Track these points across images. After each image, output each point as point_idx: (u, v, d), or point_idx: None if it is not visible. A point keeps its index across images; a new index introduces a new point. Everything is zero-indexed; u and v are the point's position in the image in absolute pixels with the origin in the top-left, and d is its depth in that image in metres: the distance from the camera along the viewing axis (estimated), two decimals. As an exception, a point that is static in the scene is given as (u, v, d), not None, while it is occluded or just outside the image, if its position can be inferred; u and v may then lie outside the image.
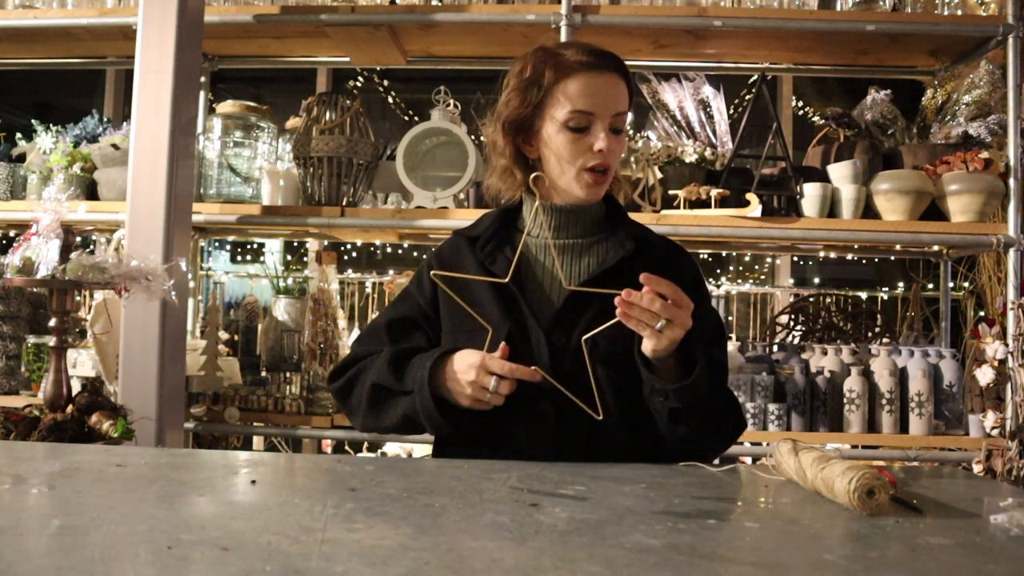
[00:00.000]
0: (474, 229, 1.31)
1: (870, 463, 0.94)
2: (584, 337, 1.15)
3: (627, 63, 1.27)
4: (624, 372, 1.19)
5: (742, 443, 2.37)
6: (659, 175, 2.43)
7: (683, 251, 1.33)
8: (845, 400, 2.37)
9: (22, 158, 2.73)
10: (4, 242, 3.26)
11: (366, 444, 3.15)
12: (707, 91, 2.59)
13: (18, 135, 2.81)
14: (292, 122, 2.78)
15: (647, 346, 1.11)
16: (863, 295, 3.23)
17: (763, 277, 5.46)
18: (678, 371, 1.14)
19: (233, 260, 6.16)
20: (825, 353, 2.51)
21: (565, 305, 1.21)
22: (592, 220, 1.29)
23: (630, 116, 1.32)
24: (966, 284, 3.05)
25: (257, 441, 3.27)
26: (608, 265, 1.23)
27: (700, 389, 1.12)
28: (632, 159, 2.44)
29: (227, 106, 2.61)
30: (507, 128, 1.25)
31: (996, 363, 2.34)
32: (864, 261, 5.31)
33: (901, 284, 3.90)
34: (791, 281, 4.18)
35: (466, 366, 1.13)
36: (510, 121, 1.25)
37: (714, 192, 2.35)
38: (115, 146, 2.51)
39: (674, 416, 1.14)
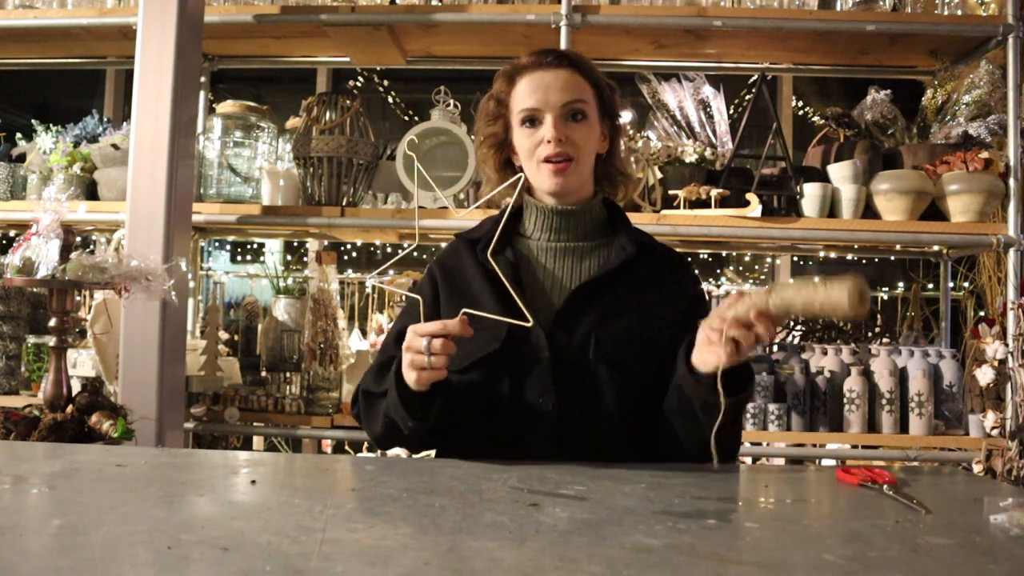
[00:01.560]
0: (475, 232, 1.32)
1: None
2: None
3: (627, 63, 1.29)
4: (628, 373, 1.20)
5: (743, 443, 2.36)
6: (659, 175, 2.43)
7: (688, 264, 1.34)
8: (845, 400, 2.37)
9: (22, 158, 2.73)
10: (4, 242, 3.26)
11: (366, 444, 3.15)
12: (707, 91, 2.59)
13: (18, 135, 2.81)
14: (292, 122, 2.78)
15: (715, 360, 1.03)
16: (863, 295, 3.22)
17: (763, 277, 5.45)
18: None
19: (233, 260, 6.15)
20: (825, 353, 2.51)
21: (567, 305, 1.22)
22: (592, 224, 1.31)
23: (630, 115, 1.33)
24: (966, 284, 3.05)
25: (257, 441, 3.27)
26: (611, 267, 1.25)
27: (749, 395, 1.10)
28: (632, 159, 2.44)
29: (227, 106, 2.61)
30: (487, 143, 1.32)
31: (996, 363, 2.34)
32: (864, 261, 5.30)
33: (901, 284, 3.90)
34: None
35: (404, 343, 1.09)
36: (485, 136, 1.32)
37: (714, 192, 2.35)
38: (115, 146, 2.51)
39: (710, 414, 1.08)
